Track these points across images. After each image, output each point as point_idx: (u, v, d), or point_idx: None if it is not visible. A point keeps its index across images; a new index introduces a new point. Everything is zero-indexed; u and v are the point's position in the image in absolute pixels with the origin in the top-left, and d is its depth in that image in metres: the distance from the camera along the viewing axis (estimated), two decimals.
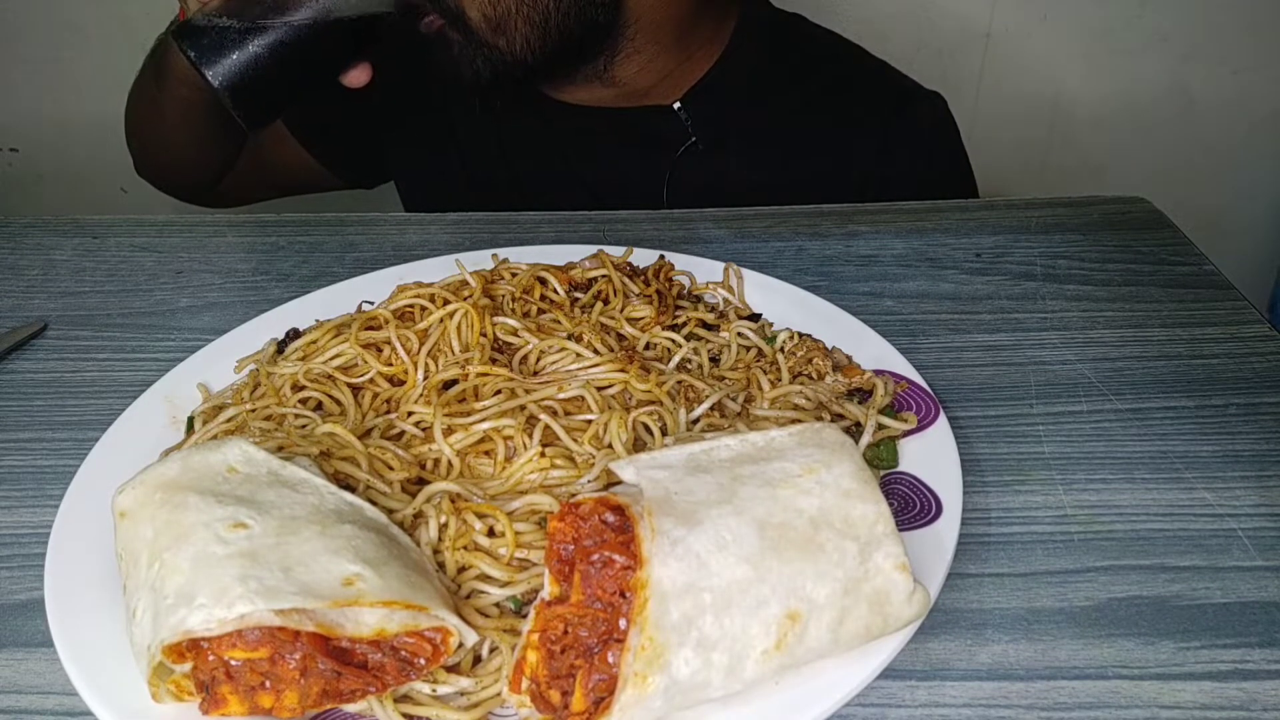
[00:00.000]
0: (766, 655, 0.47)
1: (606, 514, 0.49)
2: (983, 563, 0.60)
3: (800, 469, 0.51)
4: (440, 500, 0.59)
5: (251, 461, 0.56)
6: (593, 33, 0.99)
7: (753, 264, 0.85)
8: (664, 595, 0.46)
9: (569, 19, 0.96)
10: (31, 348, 0.83)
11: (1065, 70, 1.66)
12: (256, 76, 0.81)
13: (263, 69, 0.81)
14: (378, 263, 0.89)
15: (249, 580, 0.47)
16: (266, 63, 0.81)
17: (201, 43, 0.80)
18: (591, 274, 0.81)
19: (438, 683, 0.51)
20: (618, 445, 0.63)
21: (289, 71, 0.83)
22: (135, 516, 0.53)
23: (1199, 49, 1.65)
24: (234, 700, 0.48)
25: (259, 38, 0.80)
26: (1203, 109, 1.71)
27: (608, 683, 0.46)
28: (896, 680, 0.53)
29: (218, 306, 0.87)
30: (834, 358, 0.73)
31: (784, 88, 1.09)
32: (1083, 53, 1.65)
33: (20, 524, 0.65)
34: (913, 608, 0.50)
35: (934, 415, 0.67)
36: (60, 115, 1.73)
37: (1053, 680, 0.53)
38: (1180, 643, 0.55)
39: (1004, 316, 0.83)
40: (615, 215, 1.01)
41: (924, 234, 0.96)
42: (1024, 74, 1.67)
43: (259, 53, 0.80)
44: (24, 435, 0.73)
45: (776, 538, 0.48)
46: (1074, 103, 1.69)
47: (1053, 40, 1.64)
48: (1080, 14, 1.62)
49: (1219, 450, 0.67)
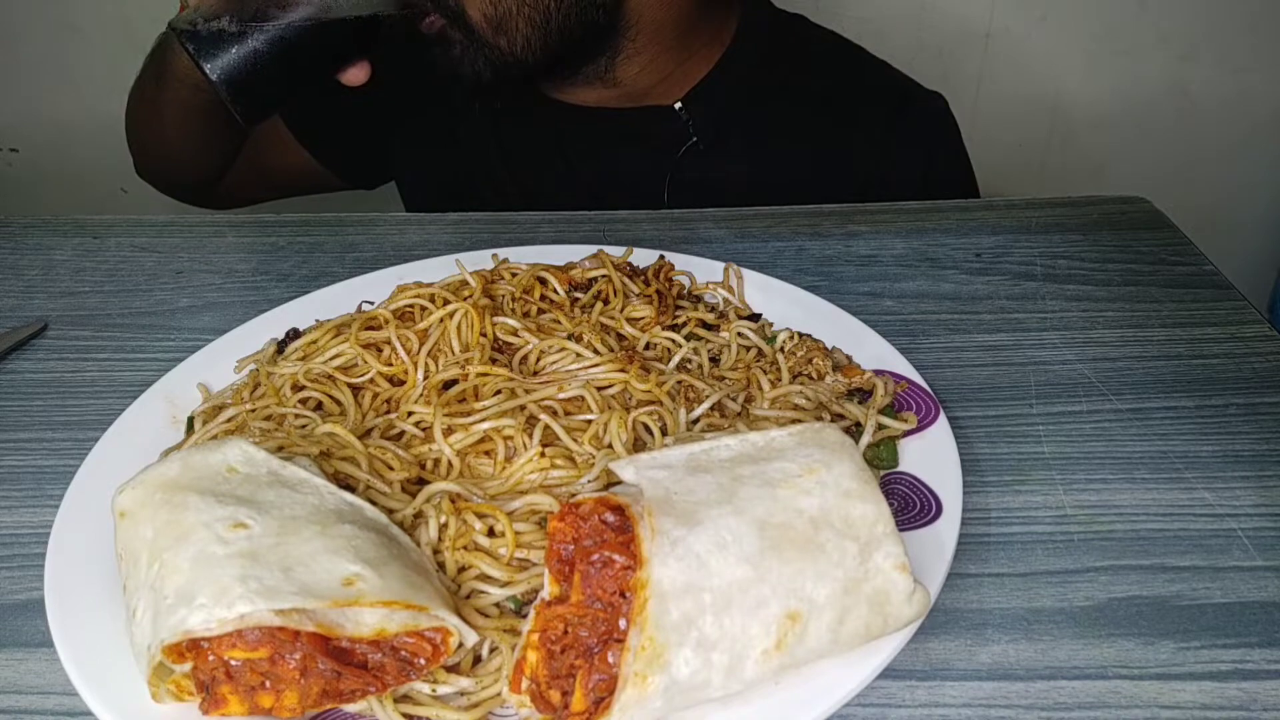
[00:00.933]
0: (766, 655, 0.47)
1: (606, 514, 0.49)
2: (983, 563, 0.60)
3: (800, 469, 0.51)
4: (440, 500, 0.59)
5: (251, 461, 0.56)
6: (593, 33, 0.99)
7: (753, 264, 0.85)
8: (664, 595, 0.46)
9: (570, 19, 0.96)
10: (31, 347, 0.83)
11: (1065, 70, 1.66)
12: (254, 72, 0.81)
13: (261, 65, 0.81)
14: (378, 263, 0.89)
15: (249, 580, 0.47)
16: (265, 58, 0.81)
17: (200, 36, 0.80)
18: (591, 274, 0.81)
19: (438, 683, 0.51)
20: (618, 445, 0.63)
21: (287, 68, 0.83)
22: (135, 516, 0.53)
23: (1199, 49, 1.65)
24: (234, 700, 0.48)
25: (258, 33, 0.80)
26: (1203, 109, 1.71)
27: (608, 683, 0.46)
28: (896, 680, 0.53)
29: (218, 306, 0.87)
30: (834, 358, 0.73)
31: (785, 88, 1.08)
32: (1083, 53, 1.65)
33: (20, 524, 0.65)
34: (913, 608, 0.50)
35: (934, 415, 0.67)
36: (60, 115, 1.73)
37: (1053, 680, 0.53)
38: (1180, 643, 0.55)
39: (1004, 316, 0.83)
40: (615, 215, 1.01)
41: (924, 234, 0.96)
42: (1024, 74, 1.67)
43: (258, 48, 0.80)
44: (24, 435, 0.73)
45: (777, 538, 0.48)
46: (1074, 103, 1.69)
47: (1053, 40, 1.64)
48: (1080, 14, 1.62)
49: (1219, 450, 0.67)
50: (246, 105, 0.84)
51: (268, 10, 0.80)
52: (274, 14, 0.80)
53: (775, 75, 1.08)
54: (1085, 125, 1.71)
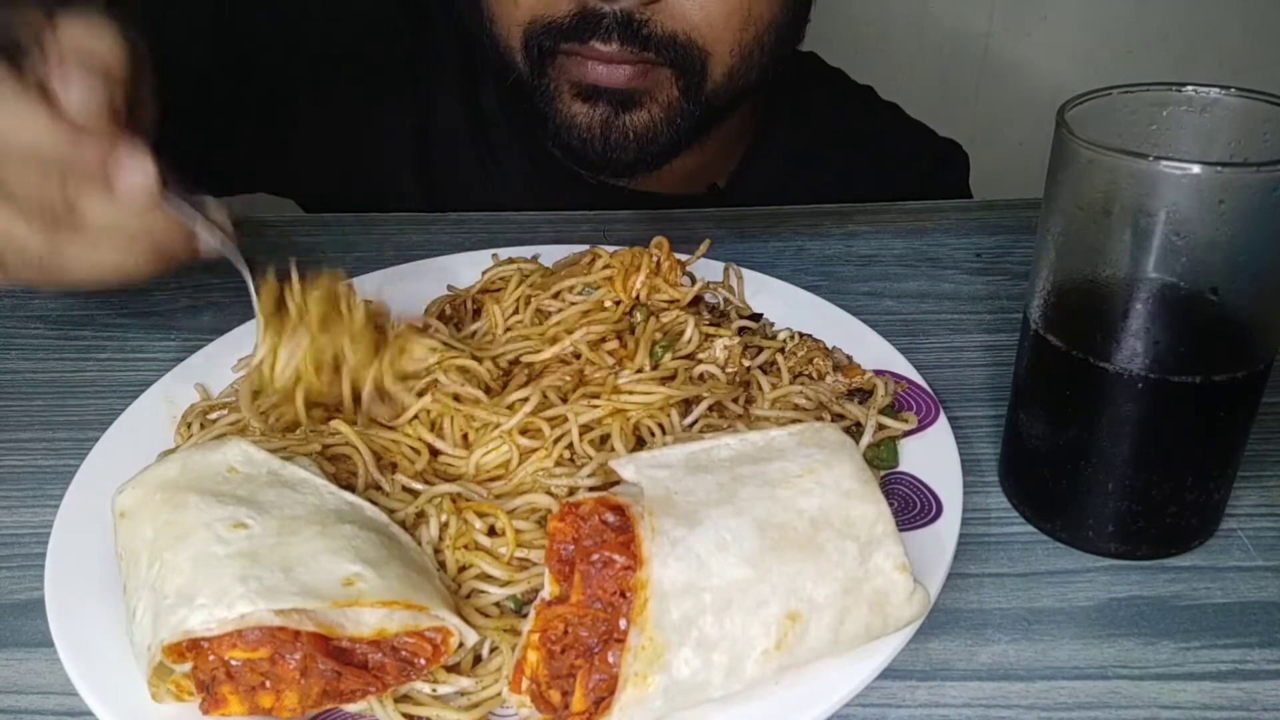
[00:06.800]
0: (767, 655, 0.47)
1: (607, 514, 0.49)
2: (983, 563, 0.60)
3: (800, 469, 0.51)
4: (441, 500, 0.59)
5: (251, 461, 0.56)
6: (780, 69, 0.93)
7: (753, 264, 0.85)
8: (664, 595, 0.46)
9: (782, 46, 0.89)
10: (32, 348, 0.83)
11: (1065, 70, 1.67)
12: None
13: None
14: (378, 263, 0.89)
15: (249, 580, 0.47)
16: None
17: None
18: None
19: (438, 683, 0.51)
20: (618, 445, 0.63)
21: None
22: (135, 516, 0.53)
23: (1199, 49, 1.66)
24: (234, 700, 0.48)
25: None
26: None
27: (608, 683, 0.46)
28: (896, 680, 0.53)
29: (218, 306, 0.87)
30: (834, 358, 0.73)
31: (821, 164, 1.07)
32: (1083, 53, 1.65)
33: (20, 524, 0.65)
34: (913, 608, 0.50)
35: (934, 415, 0.67)
36: None
37: (1053, 680, 0.53)
38: (1180, 643, 0.55)
39: (1004, 316, 0.83)
40: (615, 215, 1.00)
41: (924, 234, 0.96)
42: (1024, 74, 1.67)
43: None
44: (24, 435, 0.73)
45: (777, 538, 0.48)
46: None
47: (1053, 40, 1.64)
48: (1080, 14, 1.62)
49: None
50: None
51: None
52: None
53: (811, 152, 1.06)
54: None
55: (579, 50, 0.84)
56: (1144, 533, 0.59)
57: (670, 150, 0.91)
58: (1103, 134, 0.52)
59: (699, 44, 0.84)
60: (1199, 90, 0.55)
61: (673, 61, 0.85)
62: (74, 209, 0.57)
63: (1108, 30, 1.63)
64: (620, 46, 0.83)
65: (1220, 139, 0.55)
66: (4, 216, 0.57)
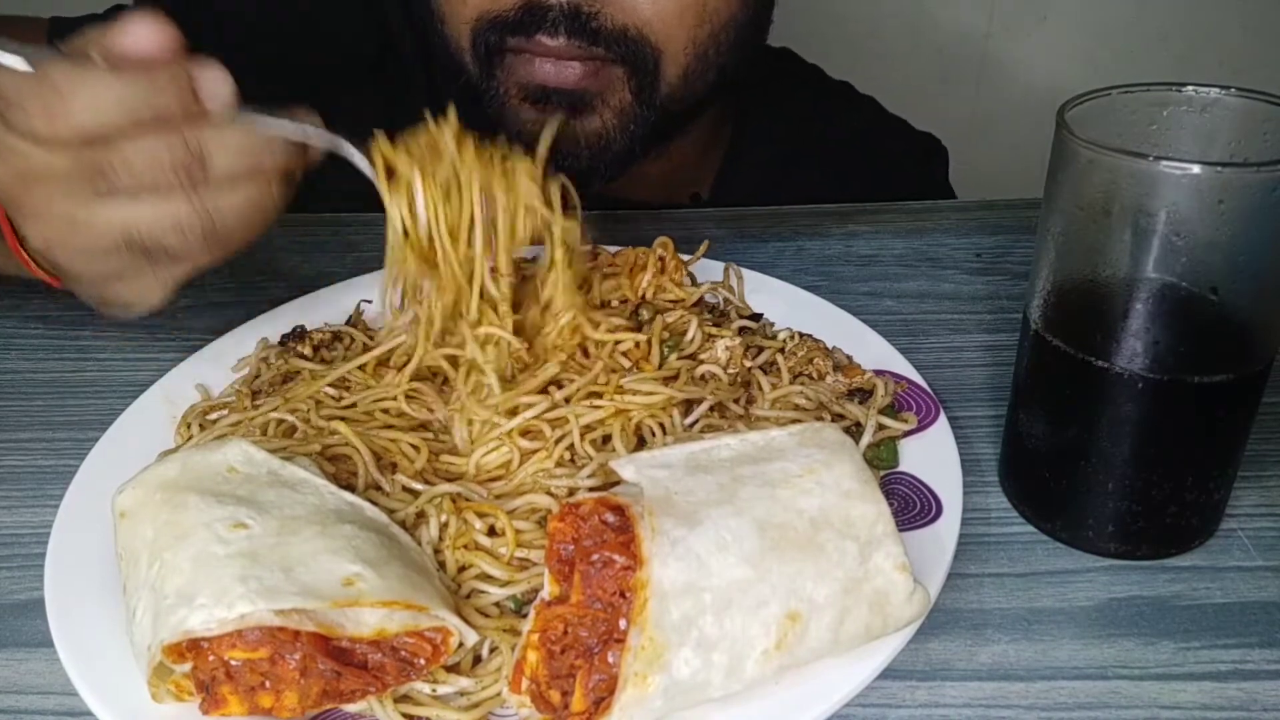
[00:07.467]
0: (767, 655, 0.47)
1: (607, 514, 0.49)
2: (983, 563, 0.60)
3: (800, 469, 0.51)
4: (441, 500, 0.59)
5: (251, 461, 0.56)
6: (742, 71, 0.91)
7: (753, 264, 0.85)
8: (664, 595, 0.46)
9: (740, 49, 0.87)
10: (32, 348, 0.83)
11: (1065, 70, 1.67)
12: None
13: None
14: (378, 263, 0.89)
15: (249, 580, 0.47)
16: None
17: None
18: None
19: (438, 683, 0.51)
20: (619, 445, 0.63)
21: None
22: (135, 516, 0.53)
23: (1199, 49, 1.66)
24: (234, 700, 0.48)
25: None
26: None
27: (608, 683, 0.46)
28: (896, 680, 0.53)
29: (218, 306, 0.87)
30: (834, 358, 0.73)
31: (803, 167, 1.06)
32: (1082, 53, 1.65)
33: (20, 524, 0.65)
34: (913, 608, 0.50)
35: (934, 415, 0.67)
36: None
37: (1053, 680, 0.53)
38: (1180, 643, 0.55)
39: (1004, 316, 0.83)
40: (615, 215, 1.00)
41: (924, 234, 0.96)
42: (1024, 74, 1.67)
43: None
44: (24, 435, 0.73)
45: (777, 538, 0.48)
46: None
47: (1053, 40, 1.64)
48: (1080, 14, 1.63)
49: None
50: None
51: None
52: None
53: (791, 149, 1.05)
54: None
55: (526, 47, 0.82)
56: (1144, 533, 0.59)
57: (625, 159, 0.88)
58: (1103, 134, 0.52)
59: (651, 40, 0.82)
60: (1199, 90, 0.55)
61: (624, 58, 0.82)
62: (198, 157, 0.55)
63: (1108, 30, 1.64)
64: (568, 40, 0.80)
65: (1220, 139, 0.55)
66: (150, 204, 0.55)
